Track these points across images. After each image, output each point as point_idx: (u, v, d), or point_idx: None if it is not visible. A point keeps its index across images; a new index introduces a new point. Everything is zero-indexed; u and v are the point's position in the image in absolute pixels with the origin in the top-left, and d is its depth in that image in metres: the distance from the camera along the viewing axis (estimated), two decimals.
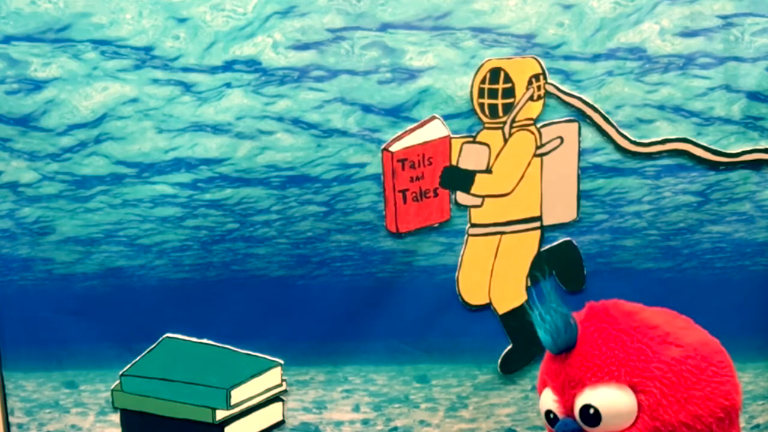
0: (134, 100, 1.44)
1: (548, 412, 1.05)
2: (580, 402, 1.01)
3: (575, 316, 1.07)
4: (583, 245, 1.53)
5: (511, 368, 1.56)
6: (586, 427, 1.01)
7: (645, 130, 1.48)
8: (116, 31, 1.41)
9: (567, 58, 1.45)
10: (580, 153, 1.49)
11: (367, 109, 1.46)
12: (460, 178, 1.49)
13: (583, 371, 1.01)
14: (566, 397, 1.03)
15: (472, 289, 1.54)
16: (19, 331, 1.54)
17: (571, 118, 1.48)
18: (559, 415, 1.04)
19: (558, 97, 1.46)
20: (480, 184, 1.49)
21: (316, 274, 1.53)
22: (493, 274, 1.53)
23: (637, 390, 0.99)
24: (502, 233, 1.52)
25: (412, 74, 1.45)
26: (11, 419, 1.59)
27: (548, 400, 1.06)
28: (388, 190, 1.48)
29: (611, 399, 1.00)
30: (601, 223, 1.52)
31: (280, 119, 1.45)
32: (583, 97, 1.46)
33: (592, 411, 0.99)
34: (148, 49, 1.42)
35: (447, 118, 1.47)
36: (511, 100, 1.46)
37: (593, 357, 1.01)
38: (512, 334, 1.55)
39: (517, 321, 1.54)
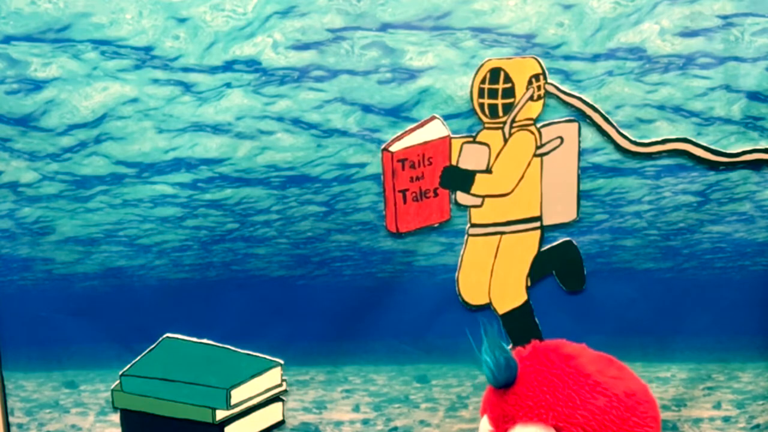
0: (134, 100, 1.44)
1: None
2: None
3: (519, 352, 1.17)
4: (583, 245, 1.53)
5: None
6: None
7: (645, 130, 1.48)
8: (116, 31, 1.41)
9: (567, 58, 1.45)
10: (580, 153, 1.49)
11: (367, 109, 1.46)
12: (460, 178, 1.49)
13: (516, 409, 1.10)
14: (500, 429, 1.12)
15: (472, 289, 1.54)
16: (19, 331, 1.54)
17: (571, 118, 1.48)
18: None
19: (558, 97, 1.46)
20: (480, 184, 1.49)
21: (316, 274, 1.53)
22: (493, 274, 1.53)
23: None
24: (502, 233, 1.52)
25: (412, 74, 1.45)
26: (11, 419, 1.59)
27: (485, 428, 1.15)
28: (388, 190, 1.48)
29: None
30: (601, 223, 1.52)
31: (280, 119, 1.46)
32: (583, 97, 1.46)
33: None
34: (148, 49, 1.42)
35: (447, 118, 1.47)
36: (511, 100, 1.46)
37: (526, 397, 1.09)
38: (512, 334, 1.55)
39: (517, 321, 1.54)
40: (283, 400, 1.59)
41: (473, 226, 1.52)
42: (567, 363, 1.13)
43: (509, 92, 1.45)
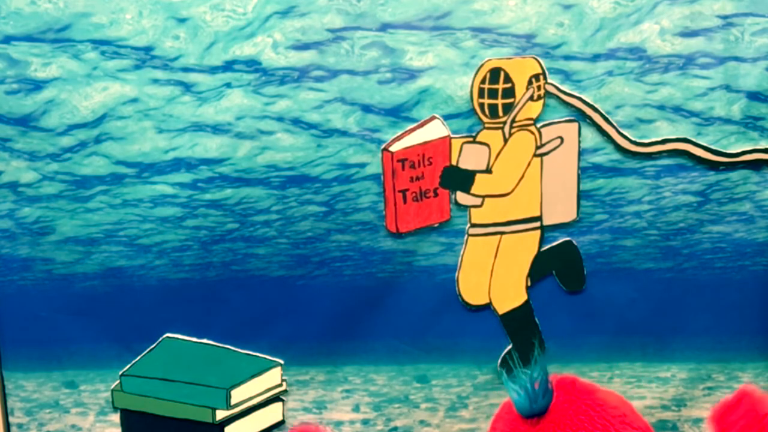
0: (134, 100, 1.44)
1: None
2: None
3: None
4: (583, 245, 1.53)
5: (511, 368, 1.56)
6: None
7: (645, 130, 1.48)
8: (116, 31, 1.41)
9: (567, 58, 1.45)
10: (580, 153, 1.49)
11: (367, 109, 1.46)
12: (460, 178, 1.49)
13: None
14: None
15: (472, 289, 1.54)
16: (19, 331, 1.54)
17: (571, 118, 1.48)
18: None
19: (558, 97, 1.46)
20: (480, 184, 1.49)
21: (316, 274, 1.53)
22: (493, 274, 1.53)
23: None
24: (502, 233, 1.52)
25: (412, 74, 1.45)
26: (11, 419, 1.59)
27: None
28: (388, 190, 1.48)
29: None
30: (601, 223, 1.52)
31: (280, 119, 1.46)
32: (583, 97, 1.46)
33: None
34: (148, 49, 1.42)
35: (447, 118, 1.47)
36: (511, 100, 1.46)
37: (564, 426, 1.06)
38: (512, 334, 1.55)
39: (517, 321, 1.54)
40: (283, 400, 1.59)
41: (473, 226, 1.52)
42: (593, 396, 1.11)
43: (509, 92, 1.45)
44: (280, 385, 1.58)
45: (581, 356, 1.57)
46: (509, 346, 1.55)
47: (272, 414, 1.59)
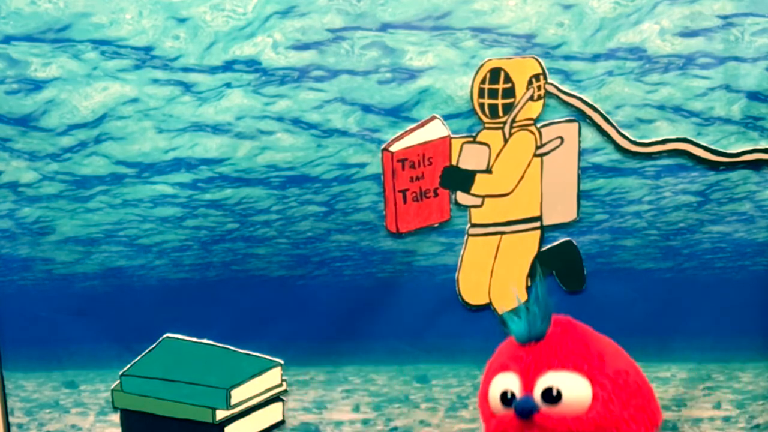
0: (134, 100, 1.44)
1: (504, 393, 1.13)
2: (543, 383, 1.09)
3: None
4: (583, 245, 1.53)
5: None
6: (543, 405, 1.09)
7: (645, 130, 1.48)
8: (116, 31, 1.41)
9: (567, 58, 1.45)
10: (580, 153, 1.49)
11: (367, 109, 1.46)
12: (460, 178, 1.49)
13: (551, 357, 1.10)
14: (529, 378, 1.11)
15: (472, 289, 1.54)
16: (19, 331, 1.54)
17: (571, 118, 1.48)
18: (519, 395, 1.11)
19: (558, 97, 1.46)
20: (480, 184, 1.49)
21: (316, 274, 1.53)
22: (493, 274, 1.53)
23: (593, 383, 1.09)
24: (502, 233, 1.52)
25: (412, 74, 1.45)
26: (11, 419, 1.59)
27: (506, 382, 1.14)
28: (388, 190, 1.48)
29: (573, 384, 1.09)
30: (601, 223, 1.52)
31: (280, 119, 1.46)
32: (583, 97, 1.46)
33: (555, 392, 1.08)
34: (148, 49, 1.42)
35: (447, 118, 1.47)
36: (511, 100, 1.46)
37: (561, 347, 1.11)
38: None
39: None
40: (283, 400, 1.59)
41: (473, 226, 1.52)
42: (588, 330, 1.17)
43: (509, 92, 1.45)
44: (280, 385, 1.58)
45: None
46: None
47: (272, 414, 1.59)
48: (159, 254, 1.51)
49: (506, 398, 1.12)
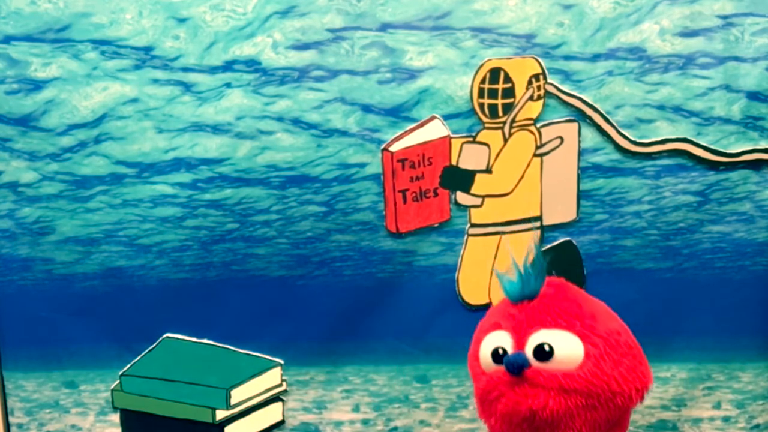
0: (134, 100, 1.44)
1: (496, 350, 1.13)
2: (535, 339, 1.10)
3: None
4: (583, 245, 1.53)
5: None
6: (535, 362, 1.09)
7: (645, 130, 1.48)
8: (116, 31, 1.41)
9: (567, 58, 1.45)
10: (580, 153, 1.49)
11: (367, 109, 1.46)
12: (460, 178, 1.49)
13: (544, 315, 1.11)
14: (522, 335, 1.11)
15: (472, 289, 1.54)
16: (19, 331, 1.54)
17: (571, 118, 1.48)
18: (510, 352, 1.11)
19: (558, 97, 1.46)
20: (480, 184, 1.49)
21: (316, 274, 1.53)
22: (493, 274, 1.53)
23: (585, 341, 1.10)
24: (502, 233, 1.52)
25: (412, 74, 1.45)
26: (11, 419, 1.59)
27: (498, 339, 1.14)
28: (388, 190, 1.48)
29: (565, 341, 1.09)
30: (601, 223, 1.52)
31: (280, 119, 1.46)
32: (583, 97, 1.46)
33: (547, 348, 1.09)
34: (148, 49, 1.42)
35: (447, 118, 1.47)
36: (511, 100, 1.46)
37: (554, 306, 1.12)
38: None
39: None
40: (283, 400, 1.59)
41: (473, 226, 1.52)
42: (581, 292, 1.18)
43: (509, 92, 1.45)
44: (280, 385, 1.58)
45: None
46: None
47: (272, 414, 1.59)
48: (159, 254, 1.51)
49: (498, 355, 1.12)
